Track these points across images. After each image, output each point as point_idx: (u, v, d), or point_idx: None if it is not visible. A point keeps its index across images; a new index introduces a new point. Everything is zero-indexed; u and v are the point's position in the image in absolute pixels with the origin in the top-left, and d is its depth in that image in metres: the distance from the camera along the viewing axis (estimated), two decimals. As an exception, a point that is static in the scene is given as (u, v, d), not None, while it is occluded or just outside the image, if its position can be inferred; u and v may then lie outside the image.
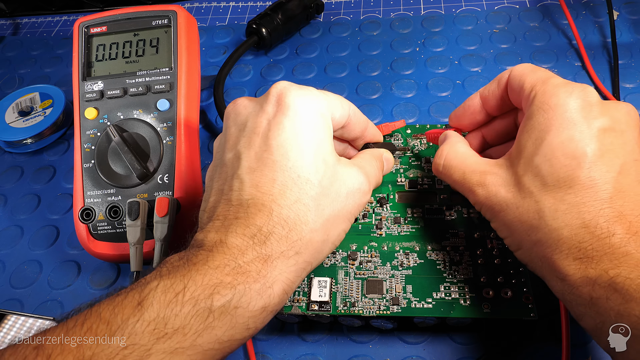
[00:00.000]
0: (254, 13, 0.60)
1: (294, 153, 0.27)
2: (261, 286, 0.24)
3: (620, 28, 0.50)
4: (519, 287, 0.30)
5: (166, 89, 0.39)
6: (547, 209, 0.24)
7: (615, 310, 0.21)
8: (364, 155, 0.33)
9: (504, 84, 0.30)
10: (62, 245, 0.41)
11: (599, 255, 0.23)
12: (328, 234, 0.27)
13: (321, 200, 0.27)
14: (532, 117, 0.26)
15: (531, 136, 0.26)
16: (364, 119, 0.33)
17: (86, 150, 0.38)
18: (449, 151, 0.30)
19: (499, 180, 0.27)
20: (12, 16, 0.67)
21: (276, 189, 0.26)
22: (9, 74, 0.58)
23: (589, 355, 0.30)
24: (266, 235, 0.25)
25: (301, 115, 0.28)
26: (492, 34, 0.52)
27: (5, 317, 0.36)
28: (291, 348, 0.33)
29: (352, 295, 0.30)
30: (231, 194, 0.27)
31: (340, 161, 0.29)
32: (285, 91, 0.28)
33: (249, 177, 0.27)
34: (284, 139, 0.27)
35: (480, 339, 0.32)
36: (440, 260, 0.31)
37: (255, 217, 0.25)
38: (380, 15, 0.57)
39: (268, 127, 0.28)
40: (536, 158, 0.25)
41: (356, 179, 0.29)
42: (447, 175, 0.30)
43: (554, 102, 0.26)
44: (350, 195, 0.29)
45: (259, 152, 0.27)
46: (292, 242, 0.25)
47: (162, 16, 0.40)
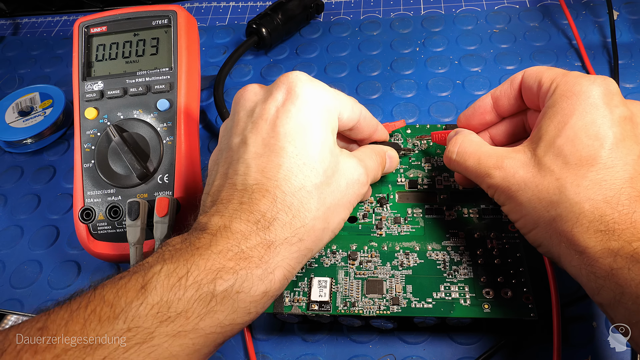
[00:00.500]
0: (254, 13, 0.60)
1: (300, 141, 0.27)
2: (263, 271, 0.24)
3: (620, 28, 0.50)
4: (519, 287, 0.30)
5: (166, 89, 0.39)
6: (568, 184, 0.25)
7: (636, 280, 0.21)
8: (365, 149, 0.33)
9: (517, 84, 0.31)
10: (62, 245, 0.41)
11: (621, 229, 0.23)
12: (329, 221, 0.28)
13: (324, 189, 0.27)
14: (555, 104, 0.27)
15: (553, 121, 0.27)
16: (374, 122, 0.34)
17: (86, 150, 0.38)
18: (463, 140, 0.31)
19: (517, 162, 0.27)
20: (12, 16, 0.67)
21: (281, 175, 0.26)
22: (9, 74, 0.58)
23: (589, 355, 0.30)
24: (270, 221, 0.25)
25: (309, 105, 0.28)
26: (492, 34, 0.52)
27: (5, 317, 0.36)
28: (291, 348, 0.33)
29: (352, 295, 0.30)
30: (236, 177, 0.27)
31: (341, 153, 0.30)
32: (296, 80, 0.28)
33: (255, 162, 0.27)
34: (292, 126, 0.27)
35: (480, 339, 0.32)
36: (440, 260, 0.31)
37: (259, 202, 0.26)
38: (380, 15, 0.57)
39: (276, 114, 0.28)
40: (558, 139, 0.26)
41: (355, 170, 0.30)
42: (461, 162, 0.30)
43: (577, 89, 0.26)
44: (349, 185, 0.29)
45: (266, 138, 0.27)
46: (295, 228, 0.26)
47: (162, 16, 0.40)
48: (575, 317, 0.32)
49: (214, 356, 0.33)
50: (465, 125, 0.34)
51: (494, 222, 0.33)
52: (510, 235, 0.32)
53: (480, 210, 0.34)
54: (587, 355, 0.30)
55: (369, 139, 0.35)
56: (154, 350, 0.21)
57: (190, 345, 0.22)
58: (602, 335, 0.31)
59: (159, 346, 0.21)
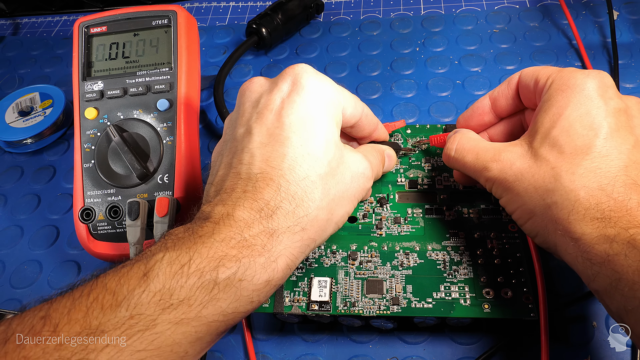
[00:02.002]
0: (254, 13, 0.60)
1: (305, 132, 0.27)
2: (266, 260, 0.24)
3: (620, 28, 0.50)
4: (519, 287, 0.30)
5: (166, 89, 0.39)
6: (564, 172, 0.25)
7: (633, 267, 0.22)
8: (366, 146, 0.33)
9: (514, 84, 0.31)
10: (62, 245, 0.41)
11: (617, 216, 0.23)
12: (332, 213, 0.28)
13: (328, 180, 0.27)
14: (550, 98, 0.27)
15: (548, 113, 0.27)
16: (375, 121, 0.34)
17: (86, 150, 0.38)
18: (461, 137, 0.31)
19: (513, 155, 0.28)
20: (12, 16, 0.67)
21: (286, 164, 0.26)
22: (9, 74, 0.58)
23: (589, 355, 0.30)
24: (273, 210, 0.25)
25: (315, 97, 0.28)
26: (492, 34, 0.52)
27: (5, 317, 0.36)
28: (291, 348, 0.33)
29: (352, 295, 0.30)
30: (240, 167, 0.27)
31: (345, 146, 0.30)
32: (302, 72, 0.29)
33: (260, 152, 0.27)
34: (297, 117, 0.27)
35: (480, 339, 0.32)
36: (440, 260, 0.31)
37: (263, 191, 0.25)
38: (380, 15, 0.57)
39: (281, 105, 0.28)
40: (553, 131, 0.26)
41: (360, 164, 0.30)
42: (459, 159, 0.30)
43: (572, 82, 0.27)
44: (354, 178, 0.29)
45: (271, 128, 0.27)
46: (298, 217, 0.26)
47: (162, 16, 0.40)
48: (575, 317, 0.32)
49: (214, 356, 0.33)
50: (465, 127, 0.34)
51: (494, 222, 0.33)
52: (510, 235, 0.32)
53: (480, 210, 0.34)
54: (587, 355, 0.30)
55: (369, 137, 0.35)
56: (156, 338, 0.21)
57: (193, 333, 0.22)
58: (602, 335, 0.31)
59: (162, 333, 0.21)
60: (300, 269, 0.32)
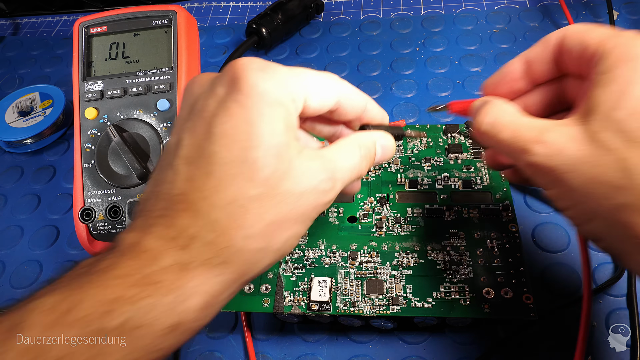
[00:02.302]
0: (254, 13, 0.60)
1: (238, 145, 0.22)
2: (174, 299, 0.20)
3: (620, 28, 0.50)
4: (519, 287, 0.30)
5: (166, 89, 0.39)
6: (638, 166, 0.20)
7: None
8: (343, 142, 0.26)
9: (553, 45, 0.26)
10: (62, 245, 0.41)
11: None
12: (269, 241, 0.23)
13: (263, 202, 0.22)
14: (609, 70, 0.22)
15: (609, 90, 0.22)
16: (361, 100, 0.28)
17: (86, 150, 0.38)
18: (495, 109, 0.26)
19: (564, 137, 0.22)
20: (12, 16, 0.67)
21: (209, 185, 0.22)
22: (9, 74, 0.58)
23: (589, 355, 0.30)
24: (189, 239, 0.21)
25: (255, 99, 0.22)
26: (492, 34, 0.52)
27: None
28: (291, 348, 0.33)
29: (352, 295, 0.30)
30: (162, 186, 0.23)
31: (300, 155, 0.24)
32: (242, 70, 0.23)
33: (184, 169, 0.23)
34: (230, 127, 0.22)
35: (480, 339, 0.32)
36: (440, 260, 0.31)
37: (180, 216, 0.22)
38: (380, 15, 0.57)
39: (215, 111, 0.23)
40: (619, 112, 0.21)
41: (315, 176, 0.24)
42: (492, 135, 0.25)
43: (635, 52, 0.22)
44: (305, 195, 0.23)
45: (200, 140, 0.23)
46: (218, 249, 0.22)
47: (162, 16, 0.40)
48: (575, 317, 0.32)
49: (214, 356, 0.33)
50: (492, 94, 0.28)
51: (494, 222, 0.33)
52: (510, 235, 0.32)
53: (480, 210, 0.34)
54: (587, 355, 0.30)
55: (359, 120, 0.29)
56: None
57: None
58: (602, 335, 0.31)
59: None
60: (300, 269, 0.32)
